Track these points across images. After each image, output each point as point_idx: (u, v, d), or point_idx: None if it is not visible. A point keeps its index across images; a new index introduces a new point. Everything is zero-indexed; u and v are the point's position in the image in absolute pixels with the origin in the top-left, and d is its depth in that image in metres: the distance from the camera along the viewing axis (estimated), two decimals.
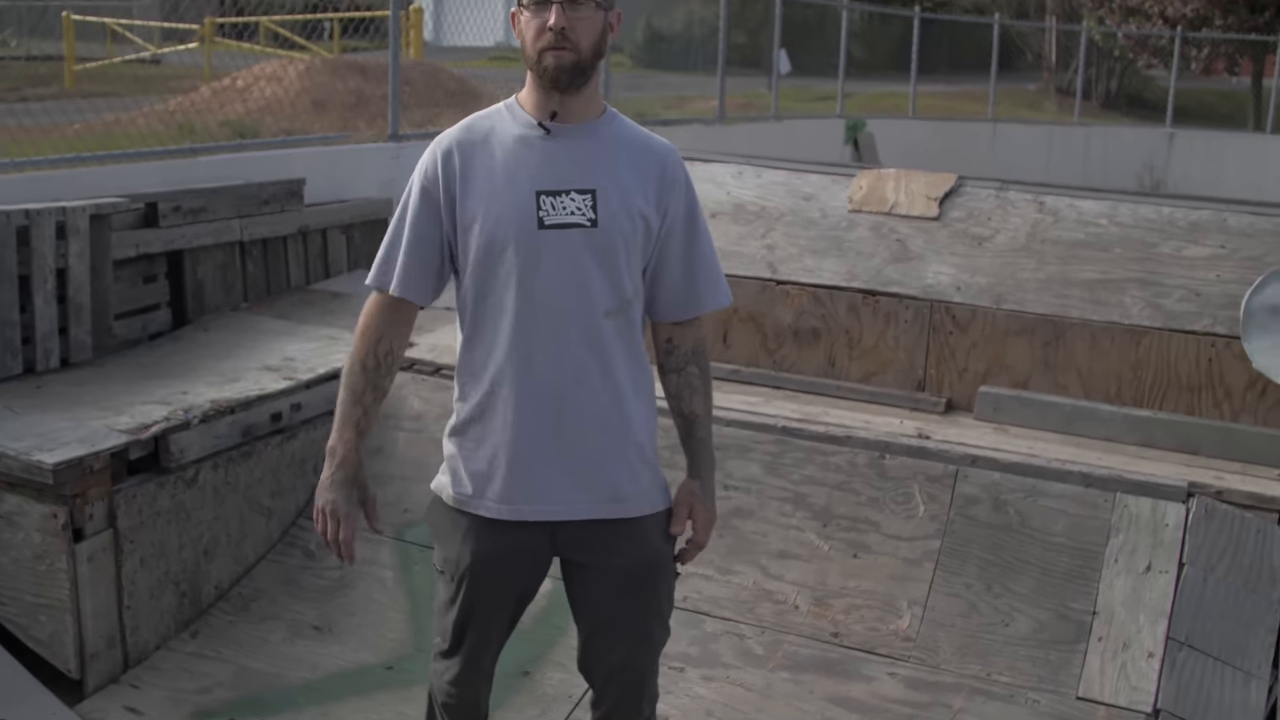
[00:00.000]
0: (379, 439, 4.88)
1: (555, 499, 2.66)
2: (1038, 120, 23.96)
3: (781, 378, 4.94)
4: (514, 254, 2.58)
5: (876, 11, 22.33)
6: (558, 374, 2.61)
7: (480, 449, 2.67)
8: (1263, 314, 4.33)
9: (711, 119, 14.19)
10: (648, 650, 2.84)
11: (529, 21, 2.57)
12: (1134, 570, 3.92)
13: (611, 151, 2.65)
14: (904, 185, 5.12)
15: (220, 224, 5.90)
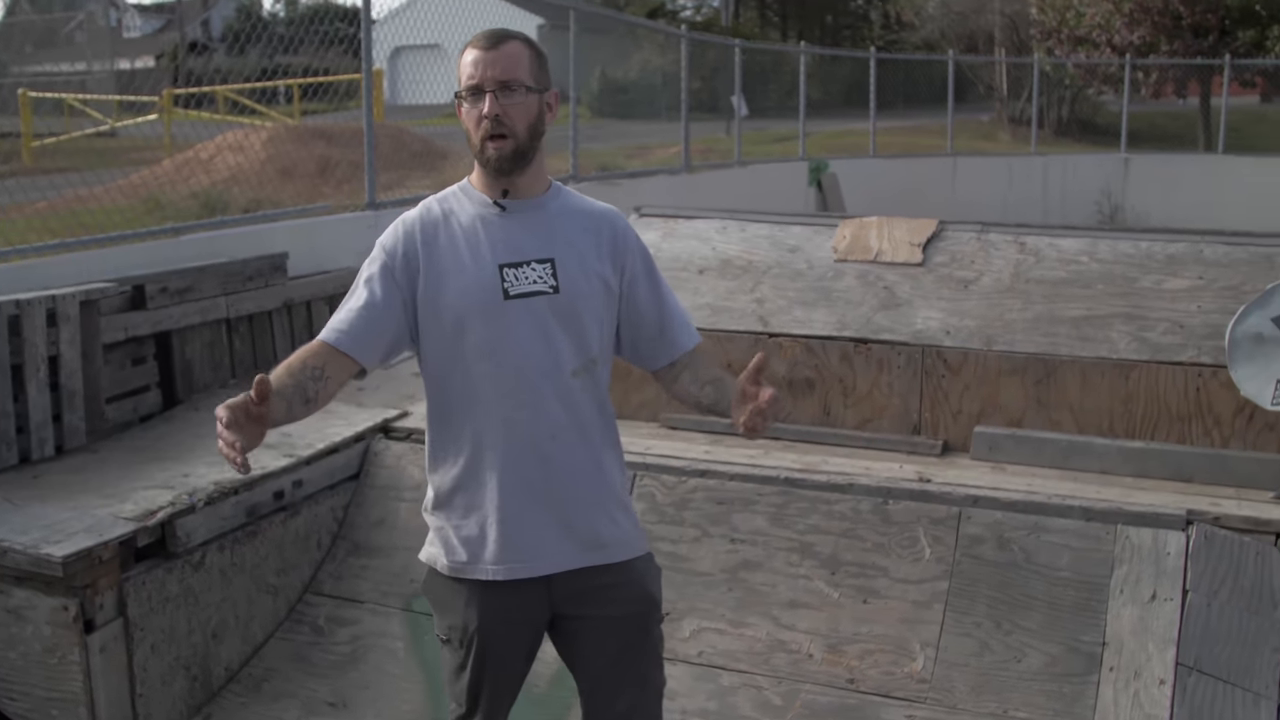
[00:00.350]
0: (380, 511, 4.91)
1: (547, 554, 2.76)
2: (996, 151, 24.30)
3: (779, 429, 5.00)
4: (483, 325, 2.71)
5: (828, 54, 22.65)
6: (535, 433, 2.73)
7: (470, 516, 2.77)
8: (1247, 342, 4.43)
9: (677, 168, 14.33)
10: (651, 695, 2.92)
11: (468, 111, 2.73)
12: (1140, 599, 3.99)
13: (563, 222, 2.81)
14: (887, 233, 5.22)
15: (207, 302, 5.93)
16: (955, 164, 21.02)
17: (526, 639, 2.86)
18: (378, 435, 5.15)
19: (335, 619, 4.61)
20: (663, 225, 5.72)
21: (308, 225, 7.26)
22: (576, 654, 2.86)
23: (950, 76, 22.38)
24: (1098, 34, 28.80)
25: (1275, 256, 4.78)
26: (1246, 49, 27.48)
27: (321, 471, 4.92)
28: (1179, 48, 27.88)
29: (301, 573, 4.77)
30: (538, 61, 2.77)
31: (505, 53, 2.71)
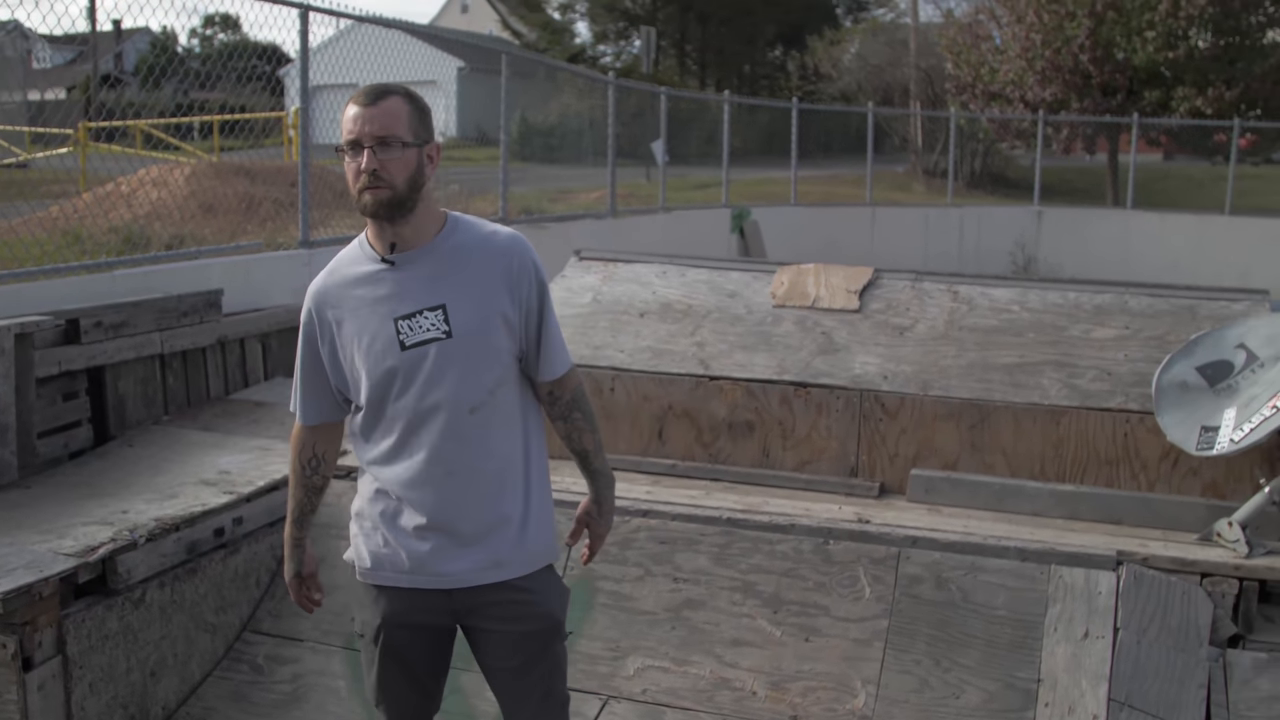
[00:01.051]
0: (321, 549, 4.84)
1: (445, 570, 2.98)
2: (912, 202, 24.78)
3: (719, 470, 5.08)
4: (388, 377, 2.93)
5: (750, 103, 22.98)
6: (433, 470, 2.95)
7: (377, 530, 3.03)
8: (1172, 390, 4.61)
9: (603, 212, 14.44)
10: (554, 707, 3.16)
11: (348, 164, 2.87)
12: (1073, 637, 4.11)
13: (456, 263, 2.95)
14: (824, 279, 5.34)
15: (141, 338, 5.88)
16: (874, 214, 21.43)
17: (427, 644, 3.10)
18: None
19: (275, 657, 4.58)
20: (602, 269, 5.80)
21: (242, 262, 7.23)
22: (483, 663, 3.12)
23: (869, 128, 22.83)
24: (1011, 90, 29.55)
25: (1197, 308, 4.97)
26: (1152, 108, 28.35)
27: (261, 509, 4.90)
28: (1089, 105, 28.70)
29: (240, 610, 4.74)
30: (418, 116, 2.90)
31: (384, 109, 2.84)
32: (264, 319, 6.80)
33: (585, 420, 3.17)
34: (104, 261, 6.61)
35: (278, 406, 6.12)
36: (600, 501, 3.22)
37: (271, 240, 8.32)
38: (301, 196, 7.89)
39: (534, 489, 3.07)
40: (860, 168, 22.87)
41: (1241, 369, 4.63)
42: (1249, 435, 4.31)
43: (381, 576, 3.02)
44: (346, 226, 9.79)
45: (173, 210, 10.09)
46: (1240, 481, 4.61)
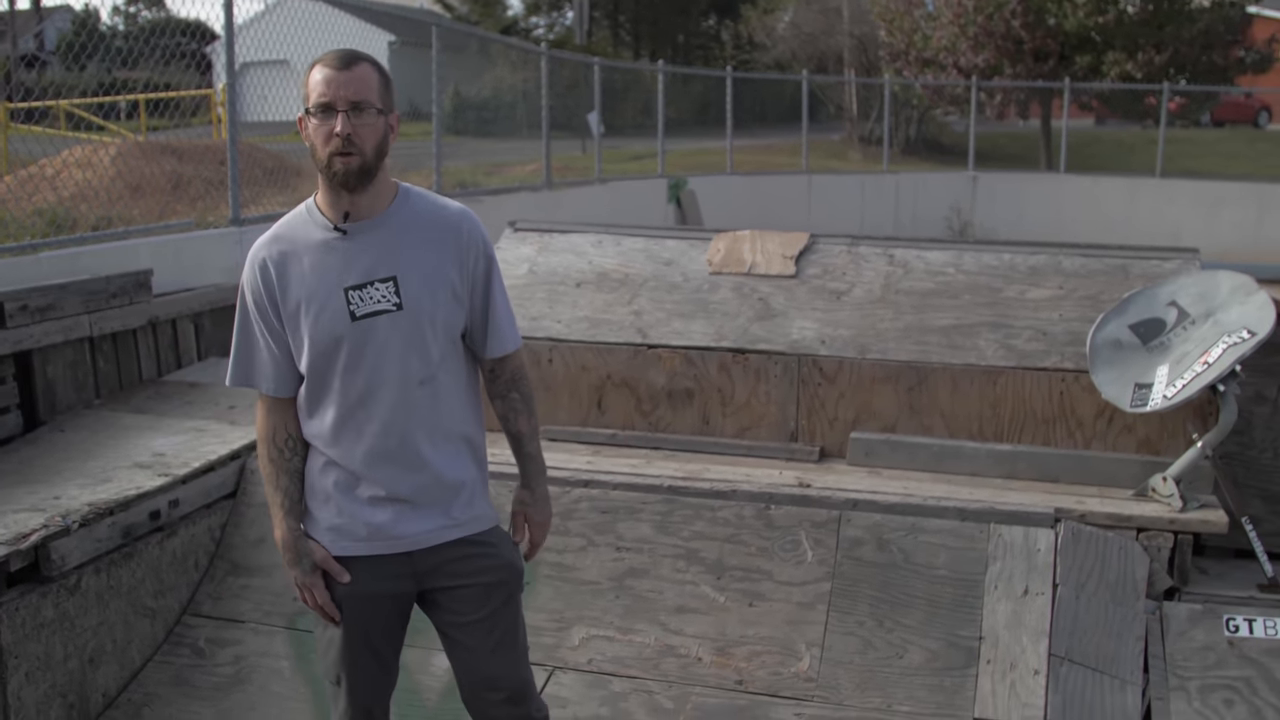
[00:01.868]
0: (260, 529, 4.83)
1: (402, 534, 3.00)
2: (848, 170, 24.88)
3: (658, 438, 5.08)
4: (334, 346, 2.90)
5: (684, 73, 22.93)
6: (384, 441, 2.95)
7: (328, 505, 3.01)
8: (1106, 349, 4.65)
9: (539, 184, 14.36)
10: (521, 654, 3.18)
11: (317, 128, 2.83)
12: (1013, 594, 4.15)
13: (407, 235, 2.95)
14: (760, 246, 5.34)
15: (70, 320, 5.76)
16: (810, 181, 21.49)
17: (387, 614, 3.09)
18: (253, 453, 5.05)
19: (216, 640, 4.53)
20: (538, 240, 5.76)
21: (171, 242, 7.11)
22: (449, 623, 3.09)
23: (804, 96, 22.87)
24: (944, 56, 29.71)
25: (1129, 267, 5.02)
26: (1084, 73, 28.63)
27: (198, 491, 4.83)
28: (1021, 71, 28.94)
29: (180, 594, 4.68)
30: (385, 84, 2.90)
31: (357, 74, 2.83)
32: (196, 298, 6.69)
33: (523, 402, 3.17)
34: (29, 244, 6.47)
35: (212, 387, 6.03)
36: (534, 488, 3.21)
37: (202, 219, 8.19)
38: (231, 174, 7.76)
39: (481, 459, 3.13)
40: (796, 136, 22.93)
41: (1173, 326, 4.68)
42: (1181, 391, 4.37)
43: (340, 547, 3.00)
44: (278, 204, 9.66)
45: (99, 191, 9.90)
46: (1174, 437, 4.67)
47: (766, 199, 19.14)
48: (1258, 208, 22.66)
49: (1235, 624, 4.16)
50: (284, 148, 12.27)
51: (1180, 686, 4.03)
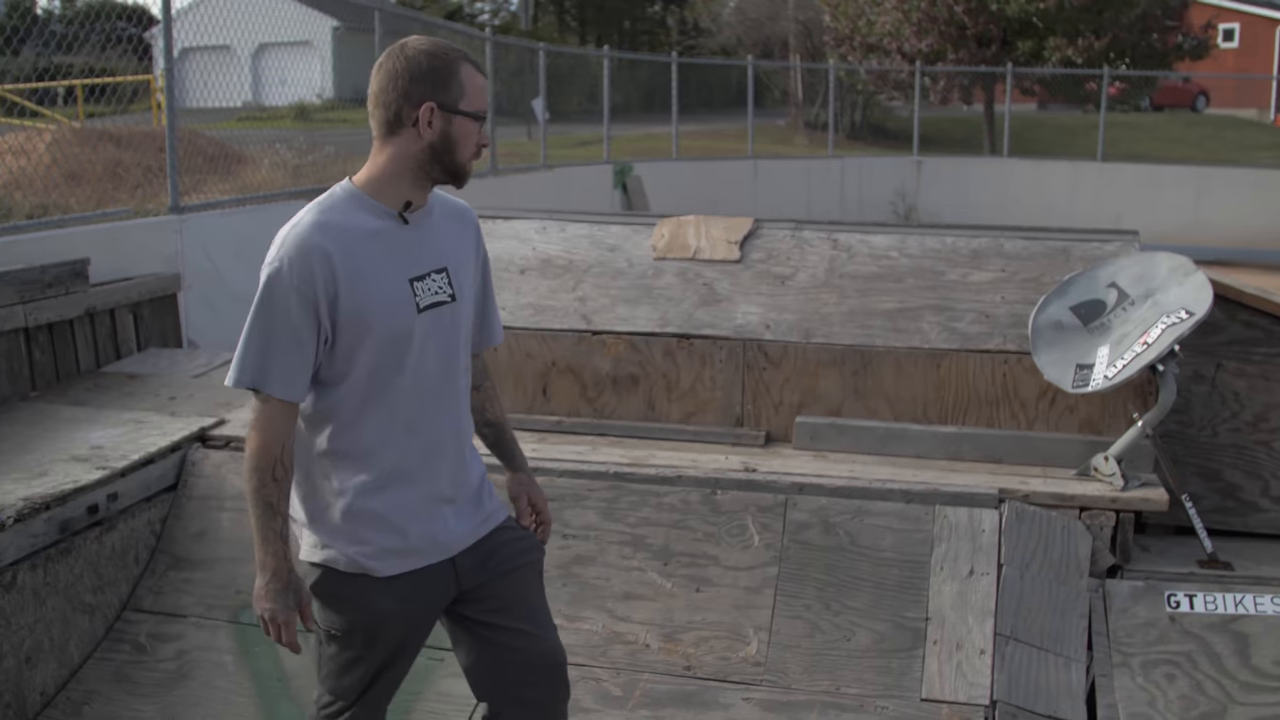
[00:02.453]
0: (201, 522, 4.77)
1: (450, 536, 2.92)
2: (794, 154, 24.96)
3: (604, 425, 5.06)
4: (403, 340, 2.79)
5: (630, 58, 22.88)
6: (442, 436, 2.90)
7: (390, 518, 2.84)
8: (1048, 330, 4.68)
9: (483, 170, 14.29)
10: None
11: (466, 130, 2.79)
12: (959, 575, 4.18)
13: (444, 228, 2.93)
14: (704, 231, 5.33)
15: (3, 311, 5.65)
16: (756, 166, 21.53)
17: (428, 625, 2.99)
18: (195, 444, 5.00)
19: (158, 636, 4.46)
20: (481, 225, 5.70)
21: (109, 230, 7.00)
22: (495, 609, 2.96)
23: (750, 81, 22.90)
24: (888, 41, 29.86)
25: (1070, 249, 5.05)
26: (1026, 58, 28.88)
27: (137, 484, 4.75)
28: (964, 56, 29.15)
29: (119, 589, 4.60)
30: None
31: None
32: (134, 288, 6.59)
33: (494, 389, 3.21)
34: None
35: (151, 378, 5.95)
36: (526, 470, 3.25)
37: (141, 207, 8.07)
38: (170, 160, 7.65)
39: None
40: (742, 122, 22.96)
41: (1113, 307, 4.72)
42: (1122, 372, 4.40)
43: (389, 567, 2.85)
44: (220, 191, 9.55)
45: (35, 179, 9.73)
46: (1115, 417, 4.72)
47: (713, 184, 19.16)
48: (1196, 190, 22.98)
49: (1176, 600, 4.21)
50: (227, 134, 12.13)
51: (1123, 663, 4.08)
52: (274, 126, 13.60)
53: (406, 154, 2.78)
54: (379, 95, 2.77)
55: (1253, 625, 4.14)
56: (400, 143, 2.78)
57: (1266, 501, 4.70)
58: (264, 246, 2.85)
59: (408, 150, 2.78)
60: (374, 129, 2.82)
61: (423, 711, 4.07)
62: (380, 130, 2.80)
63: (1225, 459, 4.71)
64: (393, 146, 2.79)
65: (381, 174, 2.81)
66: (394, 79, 2.75)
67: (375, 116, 2.79)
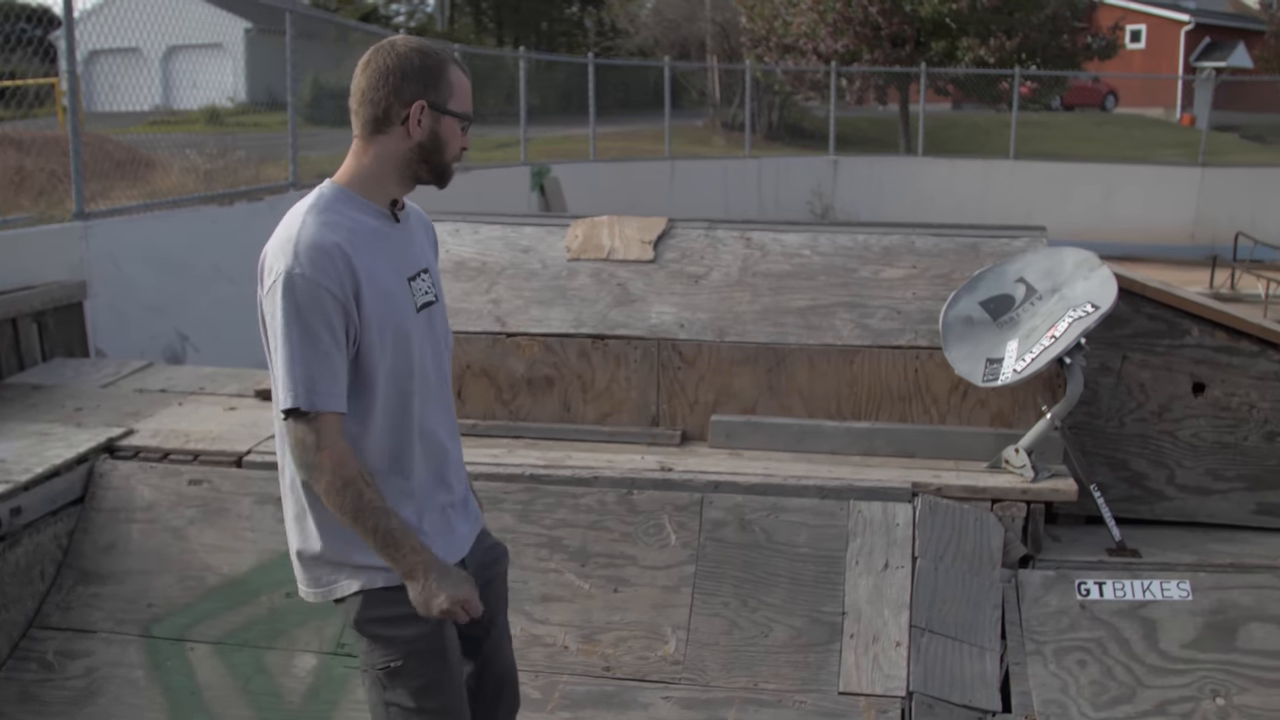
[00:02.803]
0: (110, 535, 4.68)
1: (460, 539, 2.92)
2: (711, 155, 25.05)
3: (519, 427, 5.03)
4: (407, 341, 2.75)
5: (546, 59, 22.84)
6: (443, 438, 2.88)
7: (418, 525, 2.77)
8: (958, 325, 4.74)
9: None
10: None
11: (453, 132, 2.77)
12: (874, 569, 4.21)
13: (417, 228, 2.93)
14: (618, 231, 5.32)
15: None
16: (673, 167, 21.58)
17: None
18: (102, 456, 4.90)
19: (66, 653, 4.37)
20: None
21: (10, 238, 6.83)
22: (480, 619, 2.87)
23: (666, 82, 22.95)
24: (804, 42, 30.07)
25: (979, 245, 5.12)
26: (939, 59, 29.23)
27: (41, 497, 4.64)
28: (879, 57, 29.43)
29: (24, 606, 4.49)
30: None
31: None
32: (37, 296, 6.44)
33: None
34: None
35: (57, 389, 5.82)
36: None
37: (45, 214, 7.89)
38: (74, 165, 7.47)
39: None
40: (659, 123, 22.99)
41: (1022, 302, 4.79)
42: (1030, 365, 4.47)
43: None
44: (129, 197, 9.37)
45: None
46: (1025, 410, 4.78)
47: (630, 185, 19.17)
48: (1105, 188, 23.42)
49: (1086, 588, 4.29)
50: (136, 139, 11.91)
51: (1036, 651, 4.14)
52: (185, 131, 13.39)
53: (394, 153, 2.74)
54: (367, 93, 2.71)
55: (1160, 610, 4.22)
56: (388, 141, 2.73)
57: (1172, 490, 4.79)
58: (173, 252, 2.78)
59: (396, 149, 2.73)
60: (357, 127, 2.75)
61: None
62: (366, 128, 2.74)
63: (1132, 449, 4.80)
64: (378, 145, 2.74)
65: (369, 173, 2.75)
66: (384, 76, 2.70)
67: (360, 114, 2.73)
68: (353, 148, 2.77)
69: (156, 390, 5.75)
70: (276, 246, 2.64)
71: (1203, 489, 4.77)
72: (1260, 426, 4.73)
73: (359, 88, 2.72)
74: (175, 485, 4.72)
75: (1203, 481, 4.77)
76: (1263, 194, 22.74)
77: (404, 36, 2.81)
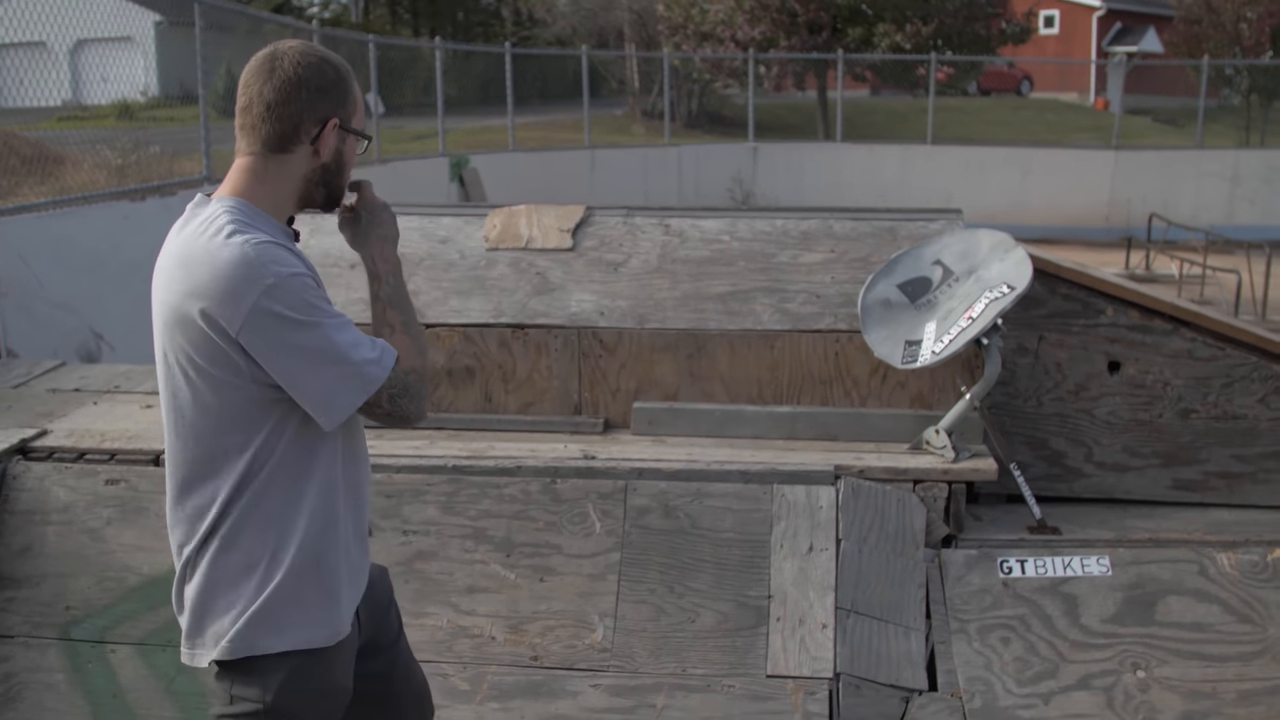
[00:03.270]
0: (25, 537, 4.57)
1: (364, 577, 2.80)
2: (631, 144, 25.06)
3: (441, 418, 4.99)
4: None
5: (463, 49, 22.69)
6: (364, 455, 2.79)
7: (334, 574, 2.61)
8: (876, 308, 4.78)
9: None
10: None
11: (354, 152, 2.65)
12: (799, 552, 4.24)
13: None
14: (536, 220, 5.30)
15: None
16: (593, 156, 21.57)
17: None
18: (15, 458, 4.78)
19: None
20: (309, 221, 5.56)
21: None
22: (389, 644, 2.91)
23: (585, 72, 22.92)
24: (722, 30, 30.20)
25: (897, 229, 5.16)
26: (856, 45, 29.49)
27: None
28: (796, 43, 29.63)
29: None
30: None
31: None
32: None
33: None
34: None
35: None
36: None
37: None
38: None
39: None
40: (578, 112, 22.97)
41: (939, 284, 4.83)
42: (949, 346, 4.51)
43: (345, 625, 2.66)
44: (38, 194, 9.18)
45: None
46: (944, 391, 4.83)
47: (550, 175, 19.14)
48: (1021, 171, 23.79)
49: (1009, 565, 4.34)
50: (45, 135, 11.66)
51: (961, 629, 4.18)
52: (95, 126, 13.12)
53: (297, 173, 2.57)
54: (275, 107, 2.50)
55: (1080, 586, 4.29)
56: (292, 161, 2.55)
57: (1090, 467, 4.87)
58: (85, 249, 2.72)
59: (299, 169, 2.56)
60: (253, 142, 2.54)
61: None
62: (265, 144, 2.53)
63: (1050, 428, 4.87)
64: (278, 164, 2.55)
65: (272, 193, 2.56)
66: (294, 89, 2.50)
67: (261, 130, 2.52)
68: (247, 164, 2.55)
69: (70, 390, 5.63)
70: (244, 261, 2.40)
71: (1120, 466, 4.85)
72: (1174, 404, 4.82)
73: (262, 99, 2.51)
74: (92, 485, 4.62)
75: (1120, 458, 4.85)
76: (1175, 176, 23.25)
77: (298, 42, 2.59)
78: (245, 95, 2.54)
